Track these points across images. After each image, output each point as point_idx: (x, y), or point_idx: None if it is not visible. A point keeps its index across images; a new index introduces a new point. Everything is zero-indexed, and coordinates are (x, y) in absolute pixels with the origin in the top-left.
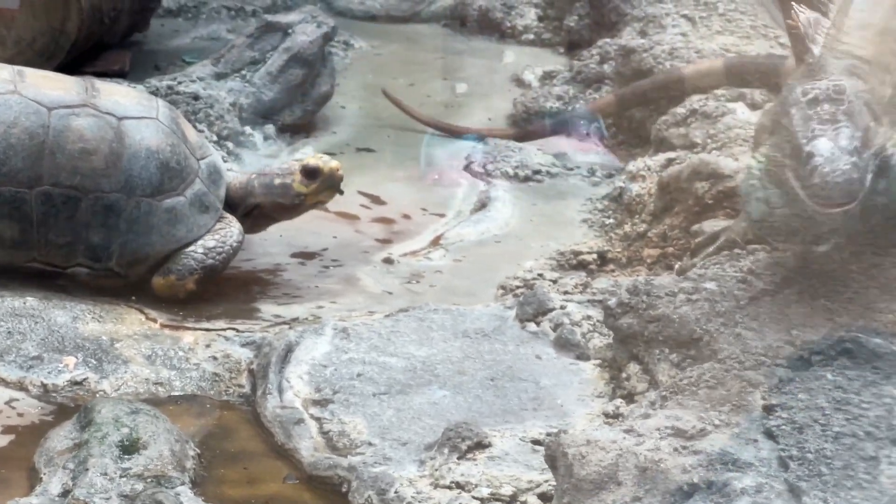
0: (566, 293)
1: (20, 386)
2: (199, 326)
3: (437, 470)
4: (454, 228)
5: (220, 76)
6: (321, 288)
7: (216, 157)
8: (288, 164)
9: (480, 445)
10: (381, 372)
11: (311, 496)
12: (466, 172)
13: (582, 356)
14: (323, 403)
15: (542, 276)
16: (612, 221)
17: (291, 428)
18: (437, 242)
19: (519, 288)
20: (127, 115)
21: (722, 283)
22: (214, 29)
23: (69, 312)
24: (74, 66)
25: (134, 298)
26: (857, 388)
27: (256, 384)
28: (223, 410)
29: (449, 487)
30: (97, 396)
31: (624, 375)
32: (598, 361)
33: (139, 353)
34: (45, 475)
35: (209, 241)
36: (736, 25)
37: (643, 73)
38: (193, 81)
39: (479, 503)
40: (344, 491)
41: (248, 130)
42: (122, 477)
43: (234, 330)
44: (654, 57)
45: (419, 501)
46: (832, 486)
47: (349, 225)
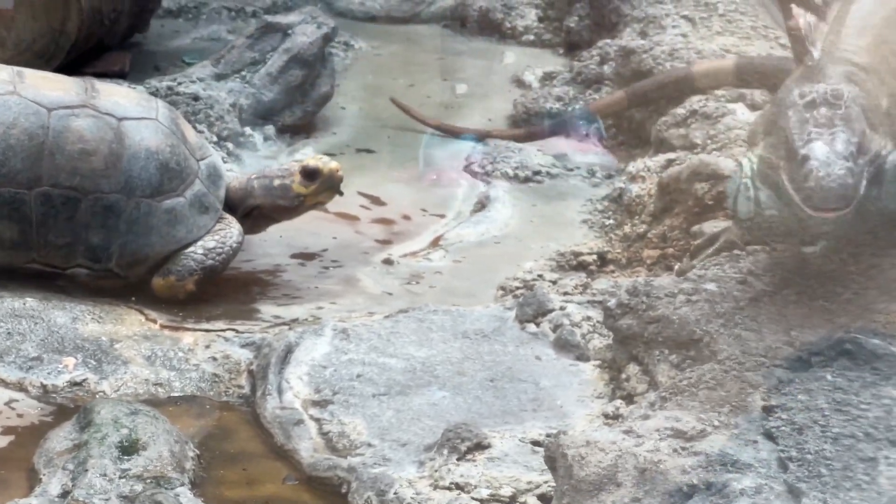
0: (566, 294)
1: (20, 387)
2: (198, 327)
3: (436, 471)
4: (454, 229)
5: (220, 77)
6: (321, 289)
7: (216, 157)
8: (287, 165)
9: (480, 446)
10: (380, 373)
11: (310, 497)
12: (466, 173)
13: (582, 357)
14: (322, 404)
15: (541, 276)
16: (611, 222)
17: (291, 429)
18: (436, 243)
19: (519, 289)
20: (126, 115)
21: (721, 284)
22: (214, 30)
23: (69, 313)
24: (74, 66)
25: (133, 299)
26: (856, 389)
27: (256, 385)
28: (223, 411)
29: (448, 488)
30: (97, 397)
31: (623, 376)
32: (597, 362)
33: (139, 353)
34: (44, 476)
35: (209, 241)
36: (736, 26)
37: (643, 74)
38: (193, 82)
39: None
40: (343, 492)
41: (247, 131)
42: (121, 478)
43: (233, 331)
44: (653, 58)
45: (418, 502)
46: (832, 487)
47: (349, 226)
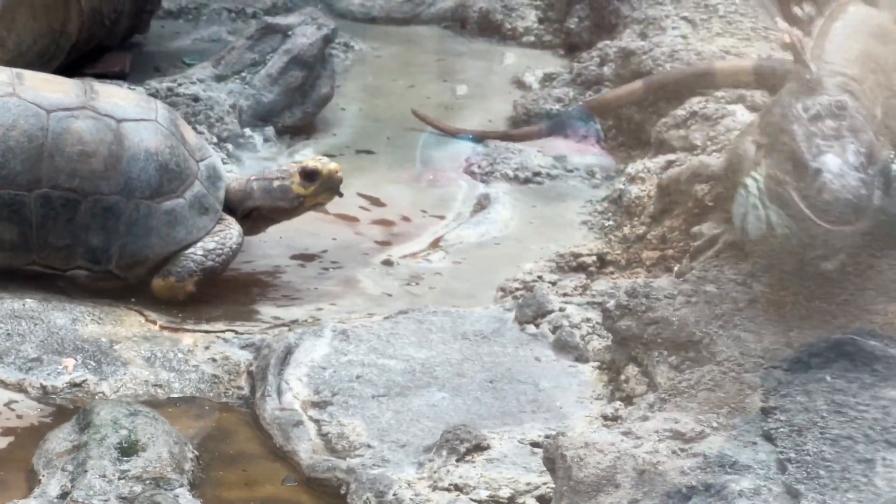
0: (565, 295)
1: (19, 388)
2: (198, 328)
3: (435, 472)
4: (454, 230)
5: (220, 78)
6: (320, 290)
7: (215, 158)
8: (287, 166)
9: (479, 447)
10: (380, 374)
11: (309, 498)
12: (466, 174)
13: (581, 358)
14: (322, 405)
15: (541, 278)
16: (611, 223)
17: (290, 430)
18: (436, 244)
19: (518, 290)
20: (126, 117)
21: (721, 285)
22: (215, 31)
23: (68, 314)
24: (75, 67)
25: (133, 300)
26: (854, 390)
27: (255, 386)
28: (222, 412)
29: (447, 489)
30: (96, 398)
31: (623, 378)
32: (596, 364)
33: (138, 354)
34: (43, 477)
35: (209, 242)
36: (736, 28)
37: (642, 75)
38: (193, 83)
39: None
40: (342, 493)
41: (247, 132)
42: (120, 479)
43: (233, 332)
44: (653, 59)
45: (417, 503)
46: (830, 488)
47: (349, 227)
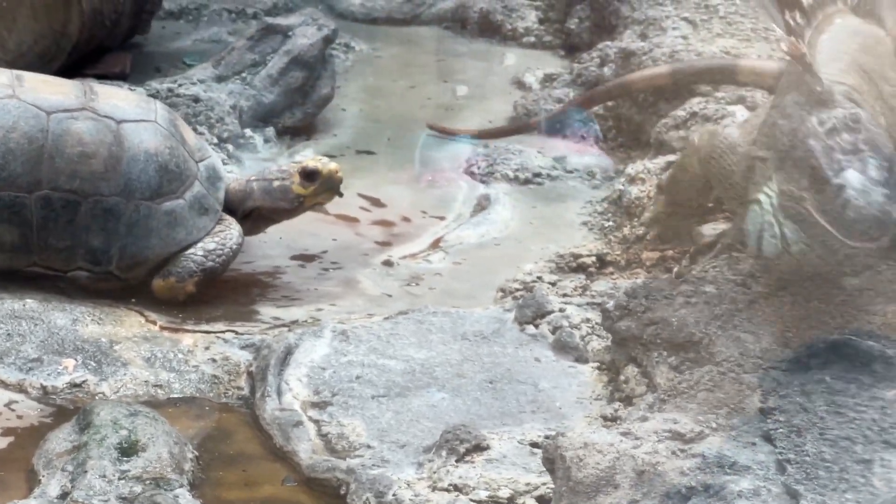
0: (565, 296)
1: (20, 388)
2: (198, 329)
3: (435, 472)
4: (454, 231)
5: (220, 79)
6: (320, 290)
7: (215, 159)
8: (287, 166)
9: (478, 448)
10: (379, 374)
11: (309, 498)
12: (466, 175)
13: (580, 359)
14: (321, 406)
15: (541, 278)
16: (611, 224)
17: (290, 430)
18: (436, 245)
19: (518, 290)
20: (125, 118)
21: (720, 286)
22: (215, 31)
23: (69, 315)
24: (75, 68)
25: (133, 301)
26: (853, 391)
27: (255, 386)
28: (222, 413)
29: (447, 490)
30: (96, 399)
31: (622, 378)
32: (596, 364)
33: (138, 355)
34: (43, 477)
35: (209, 243)
36: (736, 28)
37: None
38: (194, 84)
39: None
40: (342, 493)
41: (248, 133)
42: (120, 479)
43: (233, 332)
44: (653, 60)
45: None
46: (829, 489)
47: (349, 227)
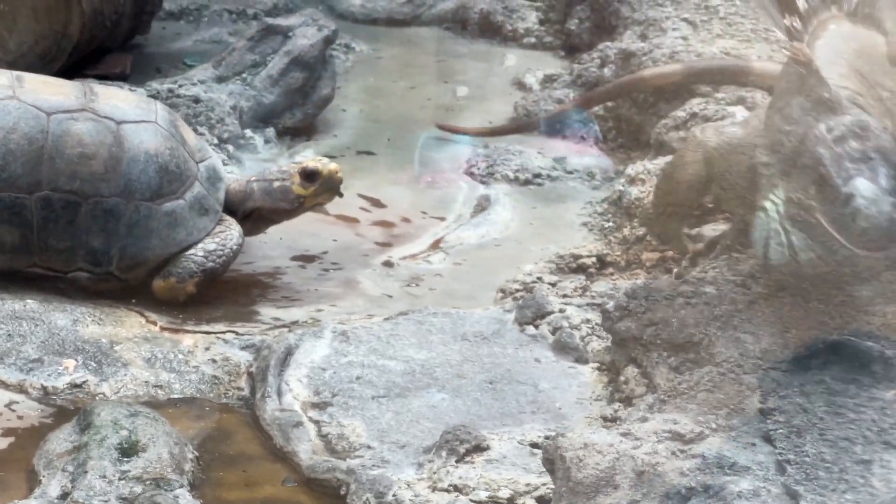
0: (565, 296)
1: (20, 388)
2: (198, 329)
3: (435, 473)
4: (454, 232)
5: (220, 79)
6: (321, 291)
7: (215, 159)
8: (287, 166)
9: (478, 448)
10: (379, 375)
11: (309, 499)
12: (466, 175)
13: (580, 359)
14: (322, 406)
15: (541, 279)
16: (611, 225)
17: (290, 431)
18: (436, 246)
19: (518, 291)
20: (126, 119)
21: (720, 286)
22: (216, 32)
23: (69, 315)
24: (76, 69)
25: (134, 301)
26: (852, 391)
27: (255, 387)
28: (222, 413)
29: (447, 490)
30: (97, 399)
31: (622, 379)
32: (596, 365)
33: (139, 355)
34: (44, 477)
35: (209, 244)
36: (736, 29)
37: None
38: (194, 84)
39: None
40: (342, 494)
41: (248, 134)
42: (120, 479)
43: (233, 333)
44: (653, 61)
45: None
46: (829, 489)
47: (349, 228)
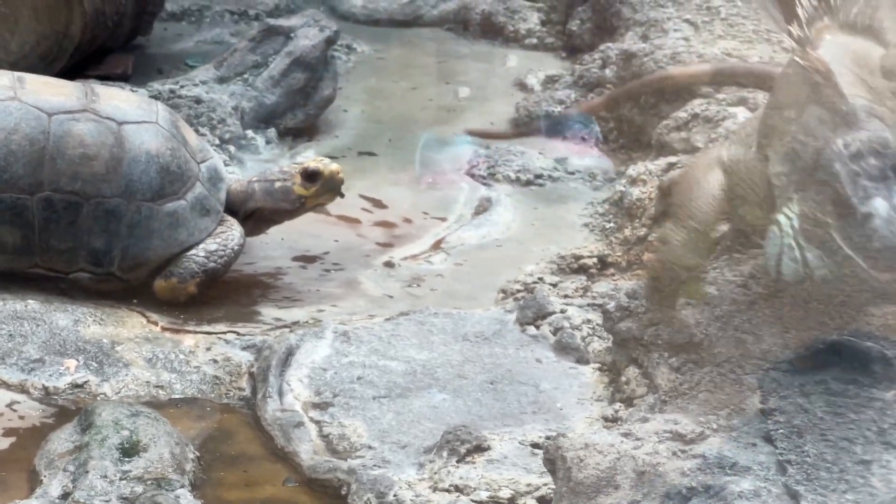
0: (566, 297)
1: (21, 388)
2: (199, 330)
3: (436, 473)
4: (455, 232)
5: (222, 80)
6: (322, 291)
7: (217, 160)
8: (288, 167)
9: (479, 449)
10: (381, 375)
11: (310, 499)
12: (468, 176)
13: (581, 360)
14: (323, 407)
15: (542, 279)
16: (612, 225)
17: (291, 431)
18: (438, 246)
19: (519, 292)
20: (127, 119)
21: (720, 287)
22: (217, 33)
23: (70, 315)
24: (77, 69)
25: (135, 301)
26: (852, 391)
27: (256, 387)
28: (223, 413)
29: (448, 490)
30: (98, 399)
31: (623, 379)
32: (597, 365)
33: (140, 356)
34: (45, 477)
35: (211, 244)
36: (738, 30)
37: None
38: (196, 85)
39: None
40: (343, 494)
41: (249, 134)
42: (122, 479)
43: (234, 333)
44: (655, 61)
45: None
46: (829, 489)
47: (350, 228)
